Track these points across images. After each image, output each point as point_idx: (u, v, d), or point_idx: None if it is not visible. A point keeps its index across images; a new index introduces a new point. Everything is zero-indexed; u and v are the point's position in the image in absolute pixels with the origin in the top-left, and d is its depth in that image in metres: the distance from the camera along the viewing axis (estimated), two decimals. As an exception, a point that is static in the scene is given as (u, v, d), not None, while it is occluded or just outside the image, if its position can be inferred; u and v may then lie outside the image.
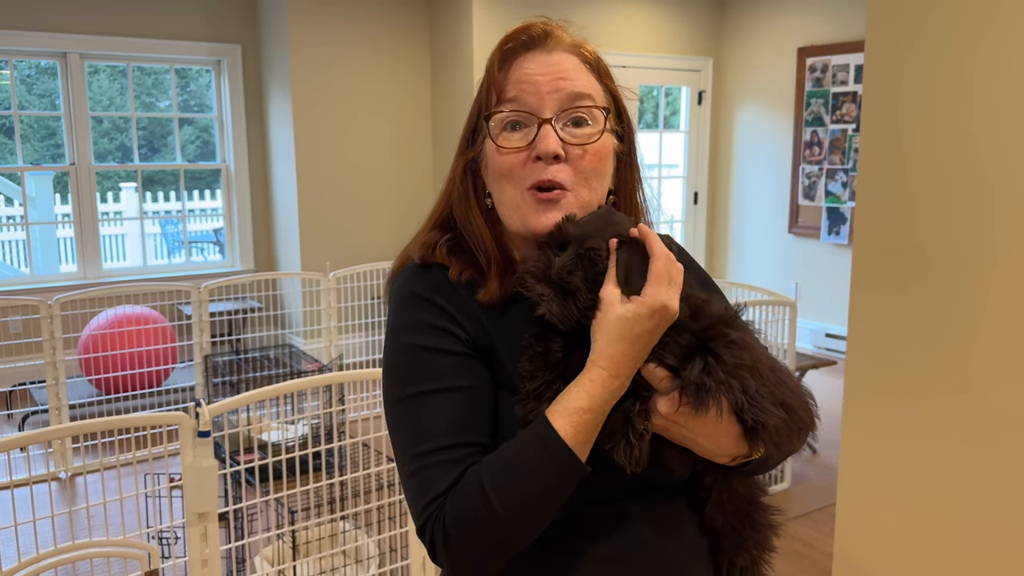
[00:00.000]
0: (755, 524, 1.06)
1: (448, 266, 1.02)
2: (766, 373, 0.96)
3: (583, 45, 1.03)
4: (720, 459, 0.97)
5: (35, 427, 4.42)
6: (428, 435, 0.94)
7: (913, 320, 2.04)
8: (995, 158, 1.86)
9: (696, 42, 6.65)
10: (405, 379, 0.97)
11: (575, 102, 0.99)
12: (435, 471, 0.92)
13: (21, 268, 8.01)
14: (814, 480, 3.77)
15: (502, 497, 0.88)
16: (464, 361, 0.97)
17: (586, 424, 0.89)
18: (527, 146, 0.98)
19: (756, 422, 0.93)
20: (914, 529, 2.09)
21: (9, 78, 5.42)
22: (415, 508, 0.93)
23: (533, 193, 0.98)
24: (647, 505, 1.00)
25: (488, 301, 1.00)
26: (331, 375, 2.09)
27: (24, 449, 3.97)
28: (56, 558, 1.80)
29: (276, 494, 2.32)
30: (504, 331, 0.99)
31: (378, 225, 5.93)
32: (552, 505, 0.90)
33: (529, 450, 0.90)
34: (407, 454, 0.95)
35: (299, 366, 4.11)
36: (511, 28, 1.04)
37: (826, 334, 6.05)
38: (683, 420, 0.92)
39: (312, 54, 5.59)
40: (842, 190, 5.91)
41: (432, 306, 0.99)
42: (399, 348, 0.99)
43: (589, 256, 0.93)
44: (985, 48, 1.85)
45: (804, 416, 1.00)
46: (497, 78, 1.01)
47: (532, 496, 0.88)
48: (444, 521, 0.90)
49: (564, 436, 0.89)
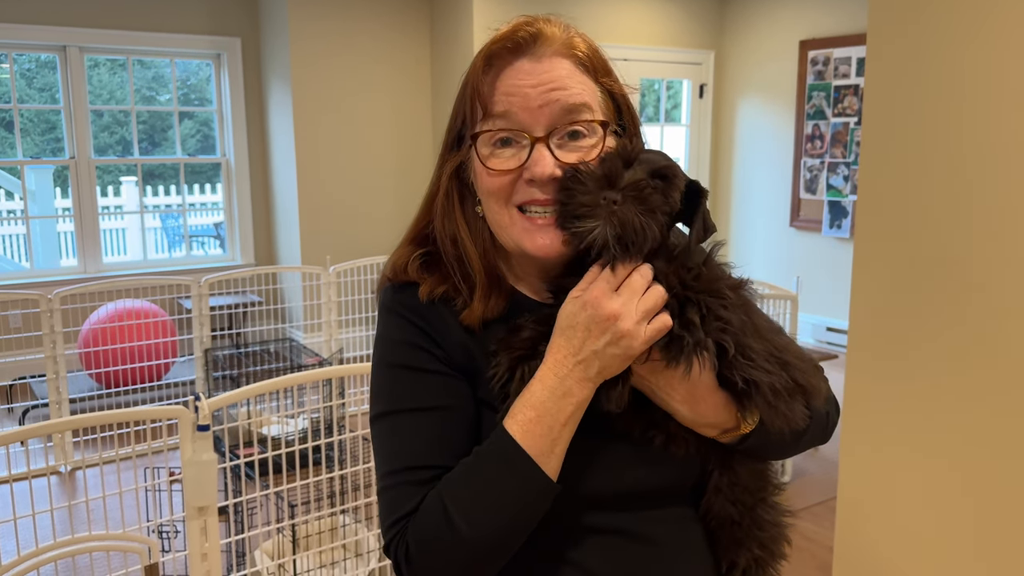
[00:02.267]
0: (759, 521, 0.99)
1: (421, 283, 0.97)
2: (765, 334, 0.91)
3: (575, 43, 0.94)
4: (705, 431, 0.93)
5: (35, 421, 4.41)
6: (398, 455, 0.92)
7: (914, 314, 2.04)
8: (997, 151, 1.85)
9: (697, 35, 6.62)
10: (381, 397, 0.96)
11: (570, 115, 0.91)
12: (402, 491, 0.90)
13: (21, 262, 8.00)
14: (814, 474, 3.77)
15: (465, 515, 0.84)
16: (441, 381, 0.94)
17: (531, 423, 0.85)
18: (519, 167, 0.91)
19: (747, 381, 0.88)
20: (914, 523, 2.09)
21: (9, 72, 5.41)
22: (382, 526, 0.92)
23: (524, 217, 0.92)
24: (648, 514, 0.96)
25: (472, 323, 0.95)
26: (331, 369, 2.08)
27: (24, 443, 3.97)
28: (56, 552, 1.80)
29: (276, 488, 2.32)
30: (485, 344, 0.95)
31: (379, 219, 5.92)
32: (521, 518, 0.86)
33: (488, 460, 0.87)
34: (379, 471, 0.94)
35: (299, 360, 4.11)
36: (504, 24, 0.95)
37: (827, 328, 6.04)
38: (653, 378, 0.89)
39: (312, 47, 5.58)
40: (844, 184, 5.90)
41: (409, 325, 0.96)
42: (378, 364, 0.97)
43: (663, 182, 0.86)
44: (987, 40, 1.84)
45: (807, 377, 0.93)
46: (482, 88, 0.92)
47: (495, 510, 0.85)
48: (408, 543, 0.87)
49: (517, 438, 0.85)
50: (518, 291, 1.00)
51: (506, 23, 0.95)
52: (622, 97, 0.98)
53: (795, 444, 1.01)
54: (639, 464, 0.94)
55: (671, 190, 0.87)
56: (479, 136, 0.93)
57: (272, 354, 4.18)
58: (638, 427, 0.93)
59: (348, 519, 2.76)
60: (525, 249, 0.93)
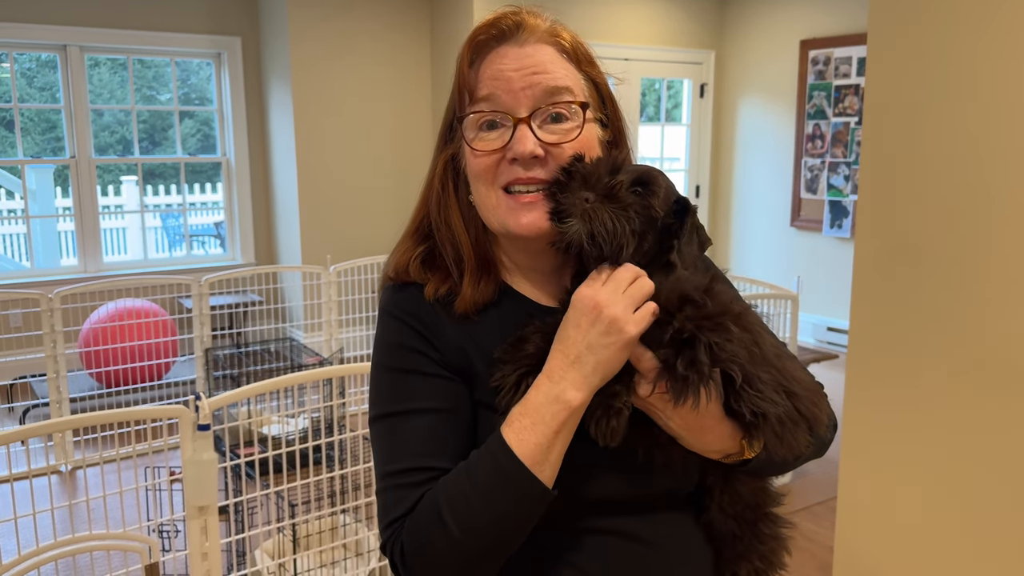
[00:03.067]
0: (760, 534, 1.00)
1: (424, 283, 0.99)
2: (772, 361, 0.91)
3: (559, 32, 0.97)
4: (709, 455, 0.94)
5: (36, 420, 4.41)
6: (396, 456, 0.92)
7: (915, 314, 2.04)
8: (997, 151, 1.85)
9: (698, 35, 6.62)
10: (379, 399, 0.96)
11: (552, 97, 0.93)
12: (398, 492, 0.91)
13: (22, 261, 8.01)
14: (815, 474, 3.77)
15: (457, 518, 0.85)
16: (437, 383, 0.94)
17: (525, 430, 0.86)
18: (503, 147, 0.93)
19: (757, 413, 0.88)
20: (915, 522, 2.09)
21: (9, 71, 5.41)
22: (380, 526, 0.92)
23: (509, 196, 0.94)
24: (648, 519, 0.96)
25: (463, 311, 0.96)
26: (331, 368, 2.08)
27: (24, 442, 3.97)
28: (56, 551, 1.80)
29: (276, 487, 2.32)
30: (481, 345, 0.96)
31: (379, 218, 5.92)
32: (515, 522, 0.86)
33: (482, 465, 0.87)
34: (377, 472, 0.95)
35: (299, 360, 4.11)
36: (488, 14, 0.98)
37: (828, 328, 6.04)
38: (661, 407, 0.89)
39: (312, 46, 5.58)
40: (844, 183, 5.90)
41: (405, 327, 0.96)
42: (376, 366, 0.98)
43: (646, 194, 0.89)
44: (988, 40, 1.84)
45: (811, 407, 0.94)
46: (468, 76, 0.95)
47: (488, 514, 0.85)
48: (403, 545, 0.88)
49: (512, 445, 0.85)
50: (515, 290, 1.01)
51: (491, 12, 0.98)
52: (605, 87, 1.01)
53: (793, 464, 1.02)
54: (639, 469, 0.94)
55: (650, 196, 0.89)
56: (465, 119, 0.95)
57: (272, 353, 4.18)
58: (642, 448, 0.93)
59: (348, 519, 2.76)
60: (510, 229, 0.94)
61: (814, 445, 1.00)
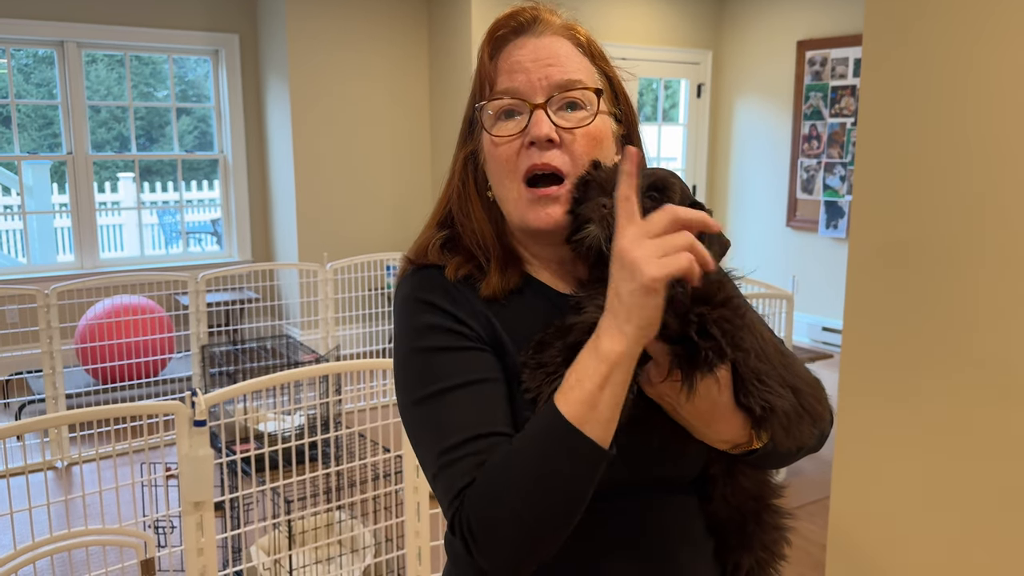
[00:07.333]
0: (763, 524, 1.02)
1: (443, 265, 1.00)
2: (774, 357, 0.93)
3: (575, 27, 1.02)
4: (718, 445, 0.95)
5: (32, 416, 4.41)
6: (450, 430, 0.89)
7: (909, 314, 2.05)
8: (993, 152, 1.86)
9: (695, 35, 6.63)
10: (419, 382, 0.94)
11: (567, 87, 0.97)
12: (458, 467, 0.88)
13: (18, 257, 7.99)
14: (808, 473, 3.79)
15: (514, 484, 0.83)
16: (475, 355, 0.94)
17: (571, 388, 0.83)
18: (520, 133, 0.97)
19: (765, 406, 0.90)
20: (908, 522, 2.10)
21: (6, 67, 5.40)
22: (444, 509, 0.89)
23: (530, 190, 0.97)
24: (652, 500, 0.97)
25: (490, 295, 0.98)
26: (328, 365, 2.09)
27: (20, 438, 3.97)
28: (52, 546, 1.81)
29: (272, 484, 2.32)
30: (509, 322, 0.97)
31: (376, 216, 5.92)
32: (568, 483, 0.83)
33: (530, 428, 0.86)
34: (432, 454, 0.90)
35: (296, 356, 4.11)
36: (505, 8, 1.02)
37: (823, 327, 6.06)
38: (674, 395, 0.89)
39: (310, 44, 5.58)
40: (840, 184, 5.91)
41: (434, 308, 0.96)
42: (408, 354, 0.96)
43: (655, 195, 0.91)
44: (984, 42, 1.85)
45: (814, 402, 0.96)
46: (488, 68, 1.00)
47: (542, 477, 0.83)
48: (468, 518, 0.85)
49: (558, 404, 0.83)
50: (536, 279, 1.02)
51: (508, 7, 1.02)
52: (619, 83, 1.04)
53: (795, 456, 1.04)
54: (642, 455, 0.95)
55: (666, 201, 0.91)
56: (484, 108, 0.99)
57: (269, 350, 4.18)
58: (648, 436, 0.94)
59: (344, 515, 2.76)
60: (528, 223, 0.97)
61: (815, 438, 1.02)
